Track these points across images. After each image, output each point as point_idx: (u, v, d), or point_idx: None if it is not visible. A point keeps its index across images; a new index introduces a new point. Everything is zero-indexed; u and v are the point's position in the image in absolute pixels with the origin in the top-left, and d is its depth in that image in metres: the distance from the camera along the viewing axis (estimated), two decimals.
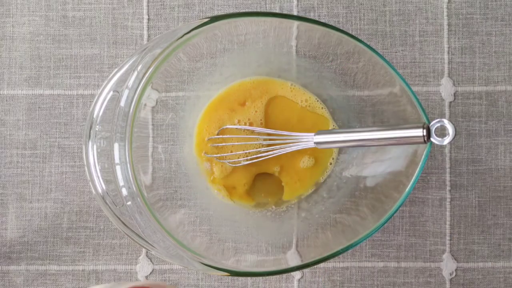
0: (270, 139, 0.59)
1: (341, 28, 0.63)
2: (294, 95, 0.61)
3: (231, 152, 0.60)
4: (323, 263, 0.58)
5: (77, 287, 0.63)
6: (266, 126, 0.60)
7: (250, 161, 0.59)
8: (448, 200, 0.63)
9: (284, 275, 0.63)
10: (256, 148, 0.60)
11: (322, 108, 0.61)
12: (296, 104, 0.61)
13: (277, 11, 0.64)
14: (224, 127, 0.60)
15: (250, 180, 0.61)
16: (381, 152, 0.56)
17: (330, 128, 0.61)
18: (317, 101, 0.61)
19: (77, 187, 0.64)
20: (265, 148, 0.59)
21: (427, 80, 0.64)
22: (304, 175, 0.61)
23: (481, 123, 0.64)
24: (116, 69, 0.51)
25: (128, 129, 0.49)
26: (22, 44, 0.64)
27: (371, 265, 0.63)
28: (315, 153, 0.61)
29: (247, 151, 0.60)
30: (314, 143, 0.54)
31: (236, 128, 0.60)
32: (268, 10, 0.64)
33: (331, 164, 0.62)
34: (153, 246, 0.50)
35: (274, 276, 0.63)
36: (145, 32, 0.64)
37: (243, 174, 0.61)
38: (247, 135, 0.60)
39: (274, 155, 0.58)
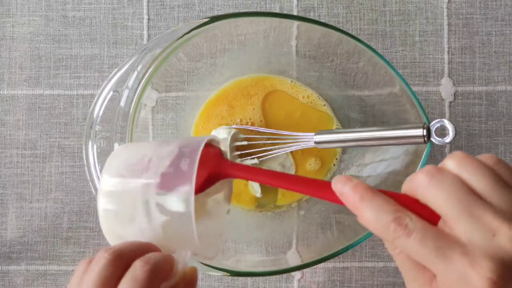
0: (272, 139, 0.59)
1: (341, 28, 0.63)
2: (295, 91, 0.61)
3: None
4: (323, 263, 0.58)
5: None
6: (267, 124, 0.60)
7: (251, 161, 0.59)
8: None
9: (284, 275, 0.63)
10: (258, 148, 0.60)
11: (324, 105, 0.61)
12: (297, 99, 0.61)
13: (277, 11, 0.64)
14: None
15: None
16: (381, 152, 0.56)
17: (335, 126, 0.61)
18: (319, 98, 0.61)
19: (77, 187, 0.64)
20: (266, 147, 0.59)
21: (427, 80, 0.64)
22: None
23: (481, 123, 0.64)
24: (116, 69, 0.52)
25: (128, 129, 0.49)
26: (22, 44, 0.64)
27: (371, 265, 0.63)
28: (321, 155, 0.61)
29: (249, 151, 0.60)
30: (314, 142, 0.54)
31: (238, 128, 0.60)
32: (268, 10, 0.64)
33: (334, 165, 0.61)
34: None
35: (274, 276, 0.63)
36: (145, 32, 0.64)
37: None
38: (248, 135, 0.60)
39: (274, 155, 0.58)
